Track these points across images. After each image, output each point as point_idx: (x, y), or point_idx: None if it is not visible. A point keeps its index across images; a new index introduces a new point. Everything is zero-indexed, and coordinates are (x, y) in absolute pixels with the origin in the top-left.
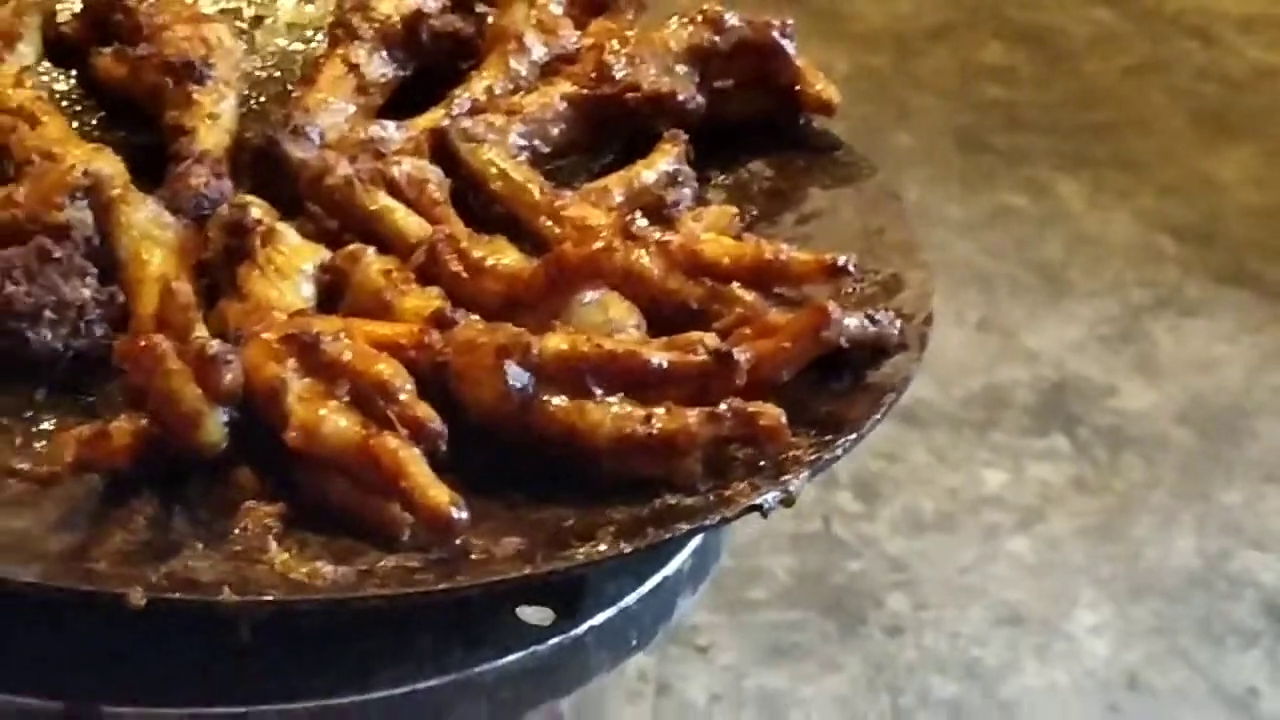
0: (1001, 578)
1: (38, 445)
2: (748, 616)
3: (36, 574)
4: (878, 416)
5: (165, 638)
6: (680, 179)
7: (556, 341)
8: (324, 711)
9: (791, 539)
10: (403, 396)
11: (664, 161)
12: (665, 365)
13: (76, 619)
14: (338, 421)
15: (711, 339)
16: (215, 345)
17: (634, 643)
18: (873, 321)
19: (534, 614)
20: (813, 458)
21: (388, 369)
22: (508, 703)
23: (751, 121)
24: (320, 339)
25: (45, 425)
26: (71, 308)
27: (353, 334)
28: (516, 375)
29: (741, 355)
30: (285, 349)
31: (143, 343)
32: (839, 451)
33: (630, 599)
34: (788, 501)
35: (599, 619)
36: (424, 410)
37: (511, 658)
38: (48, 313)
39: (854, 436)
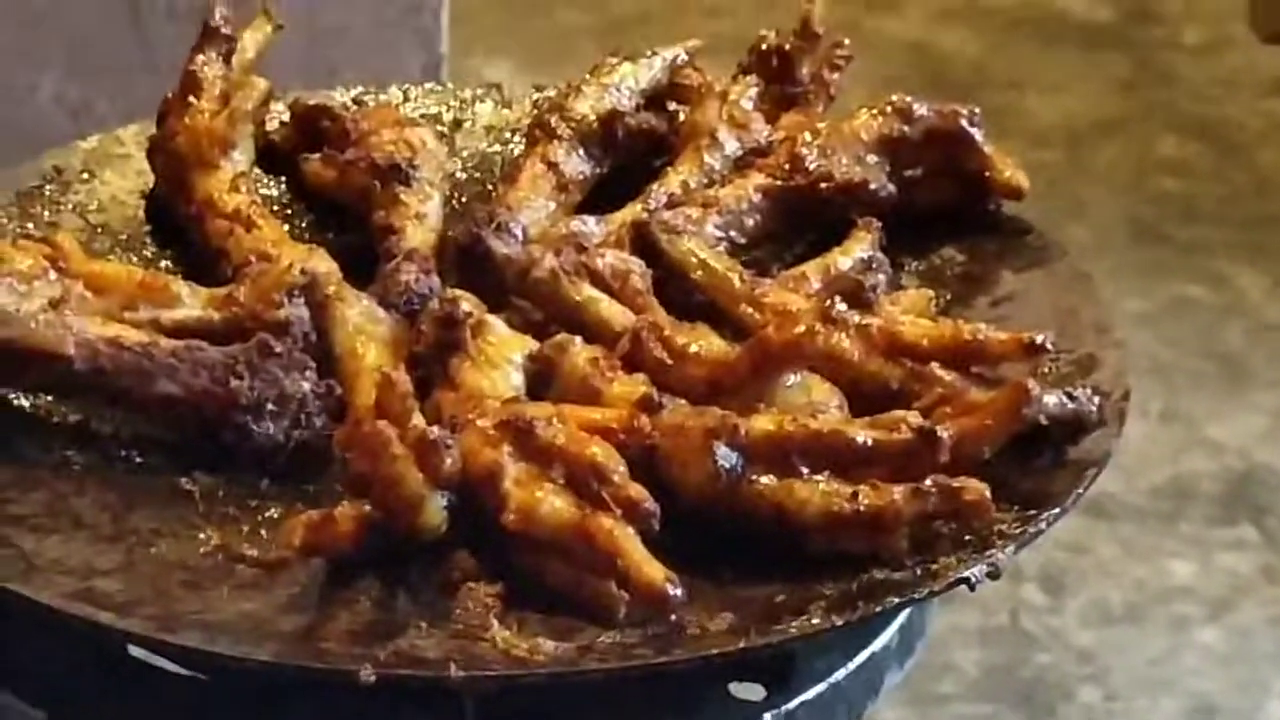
0: (1192, 668)
1: (264, 533)
2: (937, 711)
3: (271, 653)
4: (1080, 491)
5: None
6: (875, 265)
7: (763, 422)
8: None
9: (979, 633)
10: (616, 478)
11: (859, 249)
12: (871, 443)
13: (303, 701)
14: (554, 503)
15: (915, 417)
16: (435, 431)
17: (842, 718)
18: (1071, 399)
19: (746, 690)
20: (1017, 531)
21: (601, 451)
22: None
23: (942, 208)
24: (534, 424)
25: (271, 514)
26: (293, 400)
27: (564, 419)
28: (725, 456)
29: (945, 433)
30: (500, 435)
31: (366, 429)
32: (1043, 525)
33: (839, 674)
34: (994, 574)
35: (810, 694)
36: (637, 491)
37: None
38: (270, 405)
39: (1057, 511)
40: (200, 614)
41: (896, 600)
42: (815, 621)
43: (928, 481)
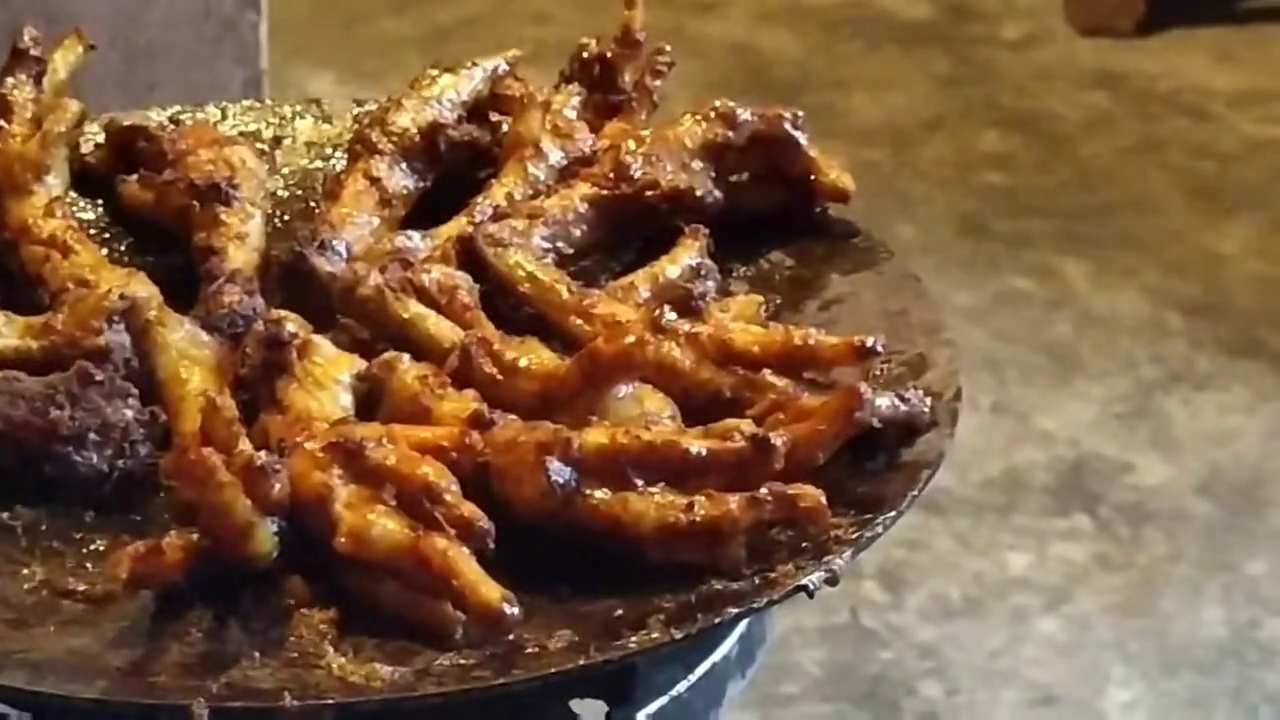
0: (1032, 659)
1: (90, 566)
2: (782, 712)
3: (100, 690)
4: (915, 493)
5: None
6: (704, 272)
7: (596, 436)
8: None
9: (820, 632)
10: (448, 497)
11: (687, 256)
12: (705, 453)
13: None
14: (386, 525)
15: (749, 426)
16: (262, 456)
17: None
18: (904, 401)
19: (586, 706)
20: (854, 536)
21: (432, 471)
22: None
23: (768, 212)
24: (364, 445)
25: (96, 546)
26: (116, 429)
27: (395, 439)
28: (558, 471)
29: (779, 440)
30: (329, 457)
31: (192, 457)
32: (880, 529)
33: (681, 687)
34: (832, 581)
35: (652, 708)
36: (470, 510)
37: None
38: (93, 435)
39: (893, 514)
40: (26, 653)
41: (735, 611)
42: (654, 635)
43: (763, 490)
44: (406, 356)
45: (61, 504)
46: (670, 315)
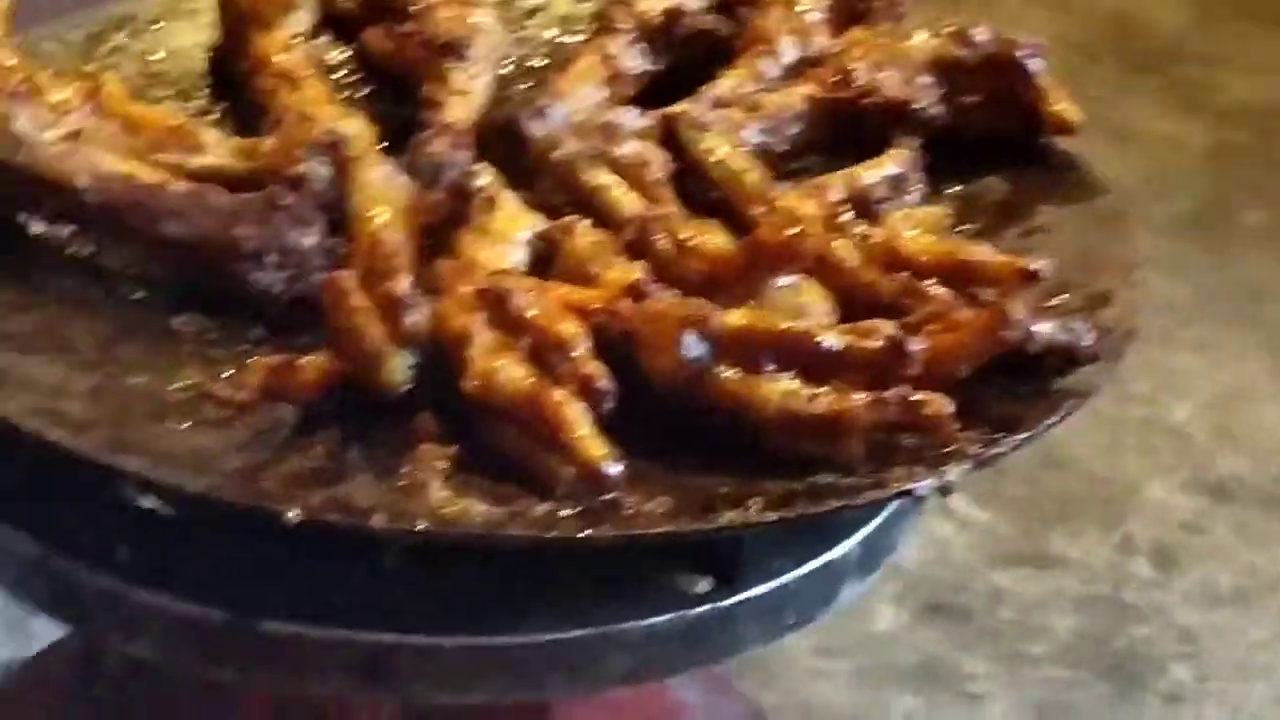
0: None
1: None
2: (1025, 671)
3: (205, 486)
4: (1052, 421)
5: (332, 563)
6: (905, 185)
7: (736, 317)
8: (470, 650)
9: (1078, 600)
10: (576, 354)
11: (888, 165)
12: (839, 348)
13: (254, 539)
14: (512, 373)
15: (889, 327)
16: (402, 288)
17: (791, 621)
18: (1067, 329)
19: (691, 581)
20: (976, 452)
21: (568, 327)
22: (655, 661)
23: (995, 137)
24: (510, 294)
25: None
26: (295, 253)
27: (545, 295)
28: (693, 345)
29: (915, 345)
30: (477, 302)
31: (330, 279)
32: (1005, 449)
33: (788, 577)
34: (944, 491)
35: (752, 592)
36: (594, 368)
37: (660, 619)
38: (271, 257)
39: (1024, 437)
40: (153, 443)
41: (835, 504)
42: (748, 515)
43: (891, 392)
44: (586, 222)
45: (234, 319)
46: (847, 215)
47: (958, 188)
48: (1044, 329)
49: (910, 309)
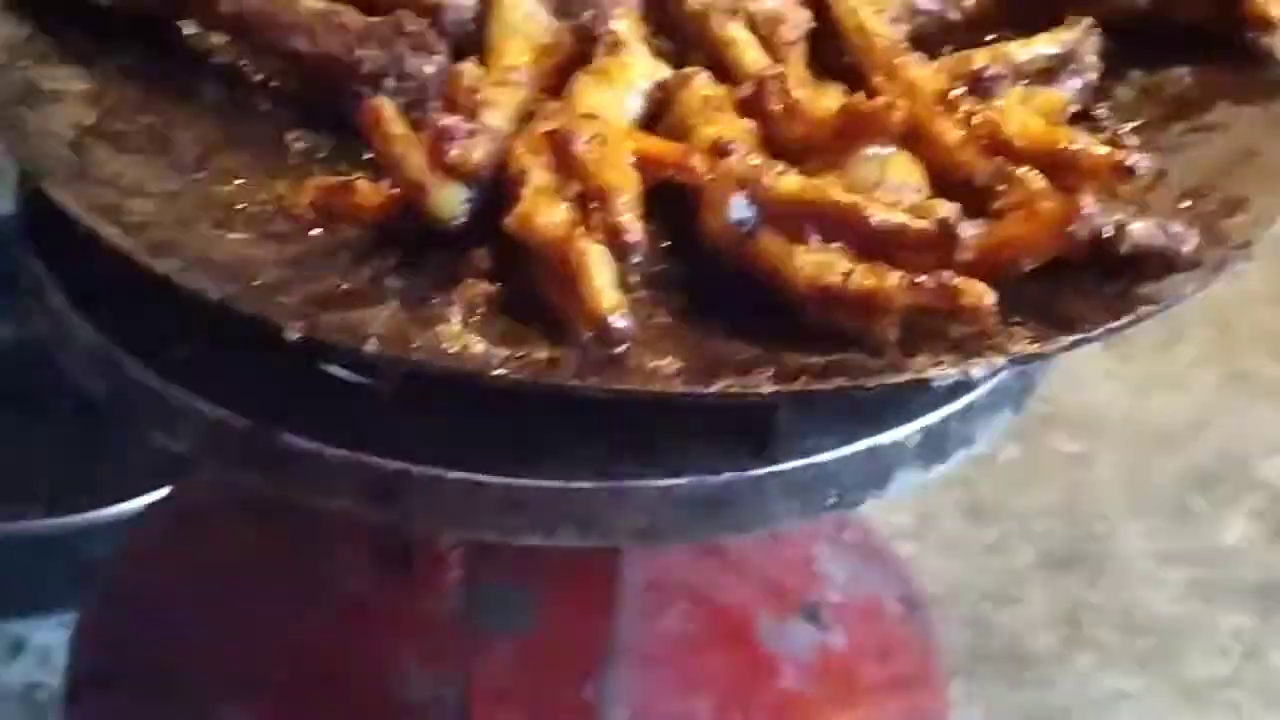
0: None
1: None
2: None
3: (224, 293)
4: (1112, 325)
5: (363, 387)
6: (1073, 66)
7: (789, 183)
8: (473, 486)
9: None
10: (617, 204)
11: (1044, 44)
12: (888, 224)
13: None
14: (552, 214)
15: (949, 207)
16: (450, 119)
17: (831, 501)
18: (1165, 231)
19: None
20: (1015, 348)
21: (617, 177)
22: (670, 523)
23: (1201, 27)
24: (572, 138)
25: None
26: (413, 80)
27: (616, 144)
28: (739, 207)
29: (967, 230)
30: (545, 143)
31: (367, 101)
32: (1050, 349)
33: (826, 456)
34: (967, 384)
35: (783, 466)
36: (627, 220)
37: (679, 480)
38: (390, 80)
39: (1073, 339)
40: (199, 249)
41: (842, 383)
42: (745, 385)
43: (929, 275)
44: (704, 74)
45: (352, 141)
46: (961, 91)
47: (1141, 75)
48: (1137, 229)
49: (1002, 194)
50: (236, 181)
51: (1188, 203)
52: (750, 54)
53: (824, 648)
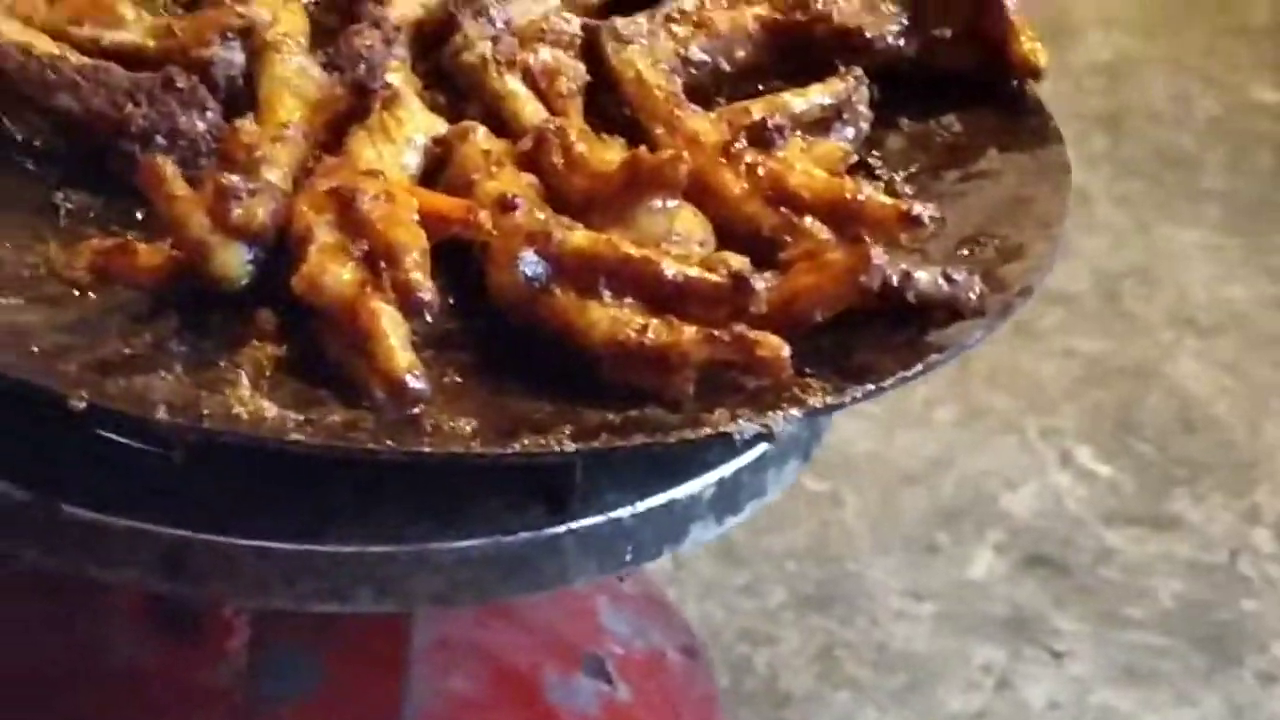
0: None
1: None
2: (1115, 633)
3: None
4: (904, 374)
5: (146, 456)
6: (845, 116)
7: (579, 238)
8: (268, 554)
9: (1188, 566)
10: (406, 261)
11: (819, 93)
12: (680, 278)
13: (73, 425)
14: (338, 275)
15: (738, 261)
16: (232, 180)
17: (628, 557)
18: (949, 281)
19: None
20: (813, 401)
21: (405, 235)
22: (467, 585)
23: (966, 76)
24: (357, 195)
25: None
26: (185, 137)
27: (399, 201)
28: (530, 263)
29: (759, 282)
30: (329, 201)
31: (147, 160)
32: (846, 400)
33: (624, 512)
34: (767, 437)
35: (582, 524)
36: (417, 278)
37: (475, 542)
38: (160, 139)
39: (869, 389)
40: None
41: (641, 440)
42: (542, 445)
43: (724, 329)
44: (482, 129)
45: (122, 199)
46: (742, 143)
47: (911, 124)
48: (923, 278)
49: (787, 245)
50: (4, 245)
51: (965, 250)
52: (529, 107)
53: (610, 703)
